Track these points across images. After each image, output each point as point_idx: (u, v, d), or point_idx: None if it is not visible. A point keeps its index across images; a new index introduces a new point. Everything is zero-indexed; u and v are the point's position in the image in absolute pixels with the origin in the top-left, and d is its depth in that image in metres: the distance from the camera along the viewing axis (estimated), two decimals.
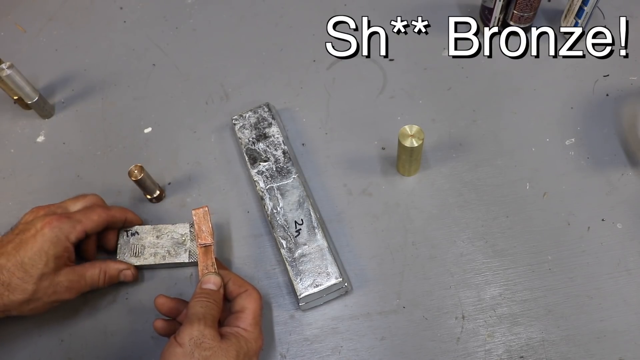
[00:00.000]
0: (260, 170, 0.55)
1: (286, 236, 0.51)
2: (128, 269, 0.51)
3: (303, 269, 0.49)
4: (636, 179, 0.55)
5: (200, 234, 0.49)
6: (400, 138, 0.51)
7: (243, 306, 0.46)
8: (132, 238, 0.53)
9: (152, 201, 0.57)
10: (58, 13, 0.75)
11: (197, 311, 0.43)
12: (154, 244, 0.53)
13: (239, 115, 0.59)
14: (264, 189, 0.54)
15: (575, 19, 0.62)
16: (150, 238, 0.53)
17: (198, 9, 0.73)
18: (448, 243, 0.53)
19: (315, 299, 0.49)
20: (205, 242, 0.49)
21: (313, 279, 0.49)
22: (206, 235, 0.49)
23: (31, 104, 0.63)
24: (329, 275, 0.49)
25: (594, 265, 0.51)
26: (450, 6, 0.70)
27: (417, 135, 0.51)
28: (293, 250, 0.50)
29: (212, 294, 0.45)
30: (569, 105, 0.61)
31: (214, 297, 0.45)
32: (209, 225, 0.49)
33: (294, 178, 0.54)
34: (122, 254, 0.53)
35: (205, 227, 0.49)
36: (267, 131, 0.58)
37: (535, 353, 0.48)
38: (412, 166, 0.55)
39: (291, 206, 0.53)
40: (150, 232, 0.54)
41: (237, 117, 0.59)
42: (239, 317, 0.45)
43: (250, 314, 0.45)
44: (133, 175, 0.53)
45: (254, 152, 0.56)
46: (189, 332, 0.41)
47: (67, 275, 0.47)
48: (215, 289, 0.46)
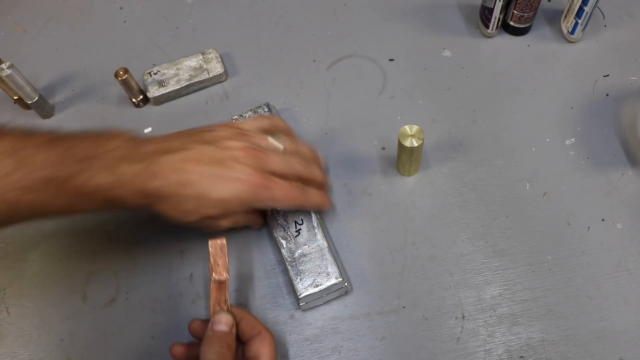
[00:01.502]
0: None
1: (286, 236, 0.51)
2: None
3: (303, 269, 0.49)
4: (636, 179, 0.55)
5: (215, 268, 0.45)
6: (400, 138, 0.51)
7: (257, 352, 0.44)
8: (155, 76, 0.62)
9: (138, 105, 0.62)
10: (58, 13, 0.75)
11: (210, 358, 0.41)
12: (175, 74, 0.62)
13: (239, 115, 0.59)
14: None
15: (575, 19, 0.62)
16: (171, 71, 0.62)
17: (198, 9, 0.73)
18: (448, 243, 0.53)
19: (315, 299, 0.49)
20: (220, 278, 0.45)
21: (313, 279, 0.49)
22: (221, 270, 0.46)
23: (31, 104, 0.63)
24: (329, 275, 0.49)
25: (594, 265, 0.51)
26: (450, 6, 0.70)
27: (417, 135, 0.51)
28: (293, 251, 0.50)
29: (224, 336, 0.43)
30: (569, 105, 0.61)
31: (227, 341, 0.43)
32: (225, 260, 0.46)
33: None
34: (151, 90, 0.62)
35: (221, 260, 0.46)
36: None
37: (535, 353, 0.48)
38: (412, 166, 0.55)
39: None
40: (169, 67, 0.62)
41: (237, 117, 0.59)
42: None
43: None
44: (119, 76, 0.59)
45: None
46: None
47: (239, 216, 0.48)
48: (227, 330, 0.43)
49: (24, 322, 0.52)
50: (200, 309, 0.52)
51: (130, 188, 0.43)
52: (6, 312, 0.53)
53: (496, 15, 0.63)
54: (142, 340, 0.51)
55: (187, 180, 0.43)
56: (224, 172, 0.44)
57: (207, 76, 0.64)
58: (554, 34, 0.66)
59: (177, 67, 0.64)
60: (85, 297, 0.53)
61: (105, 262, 0.55)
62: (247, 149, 0.46)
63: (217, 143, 0.46)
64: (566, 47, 0.65)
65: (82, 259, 0.55)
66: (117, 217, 0.57)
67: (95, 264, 0.55)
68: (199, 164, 0.44)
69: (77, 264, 0.55)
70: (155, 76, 0.64)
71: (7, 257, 0.56)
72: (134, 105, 0.65)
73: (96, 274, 0.54)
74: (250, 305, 0.52)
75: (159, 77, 0.64)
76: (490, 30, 0.65)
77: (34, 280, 0.54)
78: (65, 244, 0.56)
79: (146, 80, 0.64)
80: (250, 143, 0.47)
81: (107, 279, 0.54)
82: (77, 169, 0.42)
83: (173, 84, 0.64)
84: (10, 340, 0.51)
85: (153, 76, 0.64)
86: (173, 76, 0.64)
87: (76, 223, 0.57)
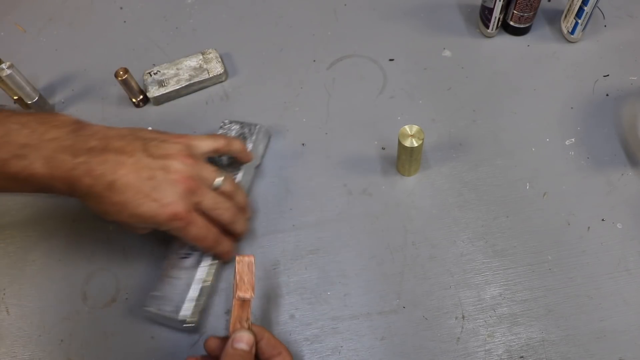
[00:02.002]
0: None
1: (177, 251, 0.51)
2: None
3: (164, 288, 0.49)
4: (636, 179, 0.55)
5: (241, 285, 0.44)
6: (400, 138, 0.51)
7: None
8: (155, 76, 0.61)
9: (138, 105, 0.62)
10: (58, 13, 0.75)
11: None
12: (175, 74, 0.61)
13: (229, 121, 0.58)
14: None
15: (575, 19, 0.62)
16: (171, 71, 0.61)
17: (198, 9, 0.73)
18: (448, 243, 0.53)
19: (155, 317, 0.49)
20: (245, 296, 0.43)
21: (163, 302, 0.48)
22: (247, 287, 0.44)
23: (31, 104, 0.63)
24: (177, 308, 0.48)
25: (594, 265, 0.51)
26: (450, 6, 0.70)
27: (417, 135, 0.51)
28: (172, 267, 0.50)
29: (244, 355, 0.42)
30: (569, 105, 0.61)
31: (246, 358, 0.42)
32: (251, 278, 0.44)
33: None
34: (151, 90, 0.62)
35: (247, 278, 0.44)
36: None
37: (535, 353, 0.48)
38: (412, 166, 0.55)
39: None
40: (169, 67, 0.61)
41: (225, 123, 0.58)
42: None
43: None
44: (119, 76, 0.59)
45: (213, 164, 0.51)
46: None
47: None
48: (247, 349, 0.42)
49: (24, 322, 0.52)
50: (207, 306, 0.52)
51: (63, 180, 0.43)
52: (6, 312, 0.53)
53: (496, 15, 0.63)
54: (142, 340, 0.51)
55: (114, 186, 0.43)
56: (152, 190, 0.44)
57: (207, 76, 0.64)
58: (554, 34, 0.66)
59: (177, 67, 0.64)
60: (85, 298, 0.53)
61: (105, 263, 0.55)
62: (185, 175, 0.46)
63: (158, 158, 0.46)
64: (566, 47, 0.65)
65: (82, 260, 0.55)
66: None
67: (95, 265, 0.55)
68: (131, 173, 0.44)
69: (77, 264, 0.55)
70: (155, 76, 0.64)
71: (7, 257, 0.56)
72: (134, 105, 0.65)
73: (96, 274, 0.54)
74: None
75: (159, 77, 0.64)
76: (490, 30, 0.65)
77: (34, 280, 0.54)
78: (65, 244, 0.56)
79: (146, 80, 0.64)
80: (190, 170, 0.47)
81: (106, 279, 0.54)
82: (15, 154, 0.43)
83: (173, 84, 0.64)
84: (10, 341, 0.51)
85: (153, 76, 0.64)
86: (173, 76, 0.64)
87: (76, 223, 0.57)
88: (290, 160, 0.59)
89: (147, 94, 0.63)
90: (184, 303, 0.48)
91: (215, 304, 0.52)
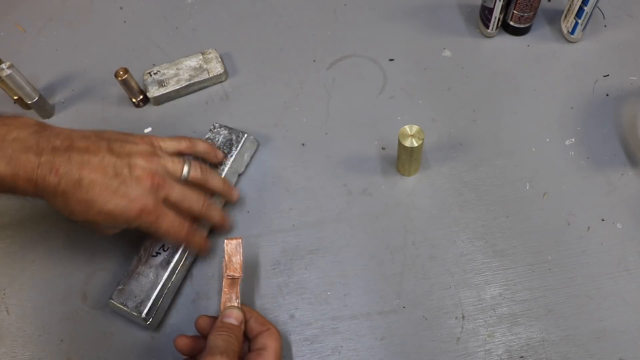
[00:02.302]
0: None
1: (147, 248, 0.51)
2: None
3: (131, 282, 0.50)
4: (636, 179, 0.55)
5: (229, 265, 0.47)
6: (400, 138, 0.51)
7: (265, 344, 0.44)
8: (155, 76, 0.61)
9: (138, 105, 0.62)
10: (58, 13, 0.75)
11: (219, 344, 0.42)
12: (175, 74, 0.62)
13: (219, 125, 0.58)
14: None
15: (575, 19, 0.62)
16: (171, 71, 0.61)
17: (198, 9, 0.73)
18: (448, 243, 0.53)
19: (118, 310, 0.50)
20: (234, 275, 0.47)
21: (128, 296, 0.49)
22: (235, 267, 0.47)
23: (31, 104, 0.63)
24: (141, 304, 0.48)
25: (594, 265, 0.51)
26: (450, 6, 0.70)
27: (417, 135, 0.51)
28: (142, 263, 0.50)
29: (233, 329, 0.44)
30: (569, 105, 0.61)
31: (235, 333, 0.44)
32: (239, 258, 0.48)
33: None
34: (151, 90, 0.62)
35: (235, 259, 0.48)
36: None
37: (535, 353, 0.48)
38: (412, 166, 0.55)
39: None
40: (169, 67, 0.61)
41: (215, 127, 0.58)
42: (260, 354, 0.44)
43: (272, 352, 0.44)
44: (119, 76, 0.59)
45: None
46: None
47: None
48: (236, 325, 0.44)
49: (24, 322, 0.52)
50: (200, 309, 0.52)
51: (27, 180, 0.43)
52: (6, 312, 0.53)
53: (496, 15, 0.63)
54: (142, 340, 0.51)
55: (81, 184, 0.44)
56: (118, 187, 0.45)
57: (207, 76, 0.64)
58: (554, 34, 0.66)
59: (177, 67, 0.64)
60: (85, 298, 0.53)
61: (104, 263, 0.54)
62: (149, 172, 0.46)
63: (123, 156, 0.46)
64: (566, 47, 0.65)
65: (82, 259, 0.55)
66: None
67: (95, 264, 0.55)
68: (97, 171, 0.44)
69: (77, 264, 0.55)
70: (155, 76, 0.64)
71: (7, 257, 0.56)
72: (134, 105, 0.65)
73: (96, 274, 0.54)
74: (250, 305, 0.51)
75: (159, 77, 0.64)
76: (490, 30, 0.65)
77: (34, 280, 0.54)
78: (65, 244, 0.56)
79: (146, 80, 0.64)
80: (156, 166, 0.47)
81: (106, 279, 0.54)
82: None
83: (173, 84, 0.64)
84: (10, 340, 0.51)
85: (153, 76, 0.64)
86: (173, 76, 0.64)
87: (76, 224, 0.57)
88: (290, 160, 0.59)
89: (147, 94, 0.63)
90: (148, 301, 0.49)
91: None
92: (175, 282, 0.51)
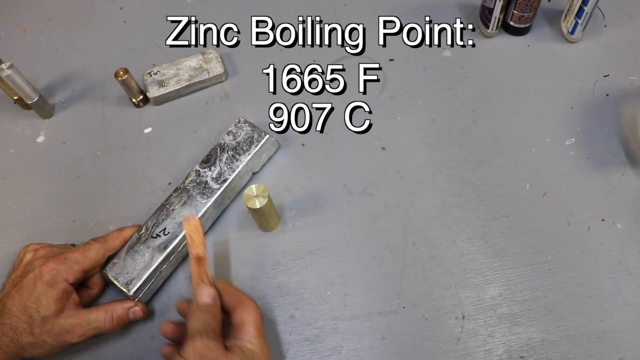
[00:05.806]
0: (199, 171, 0.55)
1: (149, 227, 0.52)
2: (136, 306, 0.50)
3: (126, 259, 0.51)
4: (636, 179, 0.55)
5: (192, 244, 0.47)
6: (244, 200, 0.49)
7: (242, 319, 0.45)
8: (155, 76, 0.62)
9: (138, 105, 0.62)
10: (58, 13, 0.75)
11: (197, 326, 0.43)
12: (175, 74, 0.62)
13: (243, 121, 0.58)
14: (187, 184, 0.55)
15: (575, 19, 0.62)
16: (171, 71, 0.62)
17: (198, 9, 0.73)
18: (448, 243, 0.53)
19: (109, 281, 0.51)
20: (198, 252, 0.47)
21: (121, 270, 0.50)
22: (198, 244, 0.47)
23: (31, 104, 0.63)
24: (131, 282, 0.49)
25: (594, 265, 0.51)
26: (450, 6, 0.70)
27: (261, 195, 0.49)
28: (141, 242, 0.51)
29: (208, 307, 0.44)
30: (569, 105, 0.61)
31: (212, 311, 0.44)
32: (200, 236, 0.48)
33: (198, 205, 0.53)
34: (151, 90, 0.62)
35: (197, 237, 0.48)
36: (239, 153, 0.56)
37: (535, 353, 0.48)
38: (271, 221, 0.54)
39: (177, 217, 0.53)
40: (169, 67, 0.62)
41: (240, 121, 0.58)
42: (240, 330, 0.44)
43: (251, 326, 0.44)
44: (119, 76, 0.59)
45: (213, 157, 0.56)
46: (192, 347, 0.41)
47: (70, 318, 0.47)
48: (210, 302, 0.45)
49: None
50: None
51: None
52: None
53: (496, 15, 0.63)
54: (142, 340, 0.51)
55: None
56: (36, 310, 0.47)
57: (207, 76, 0.64)
58: (554, 34, 0.66)
59: (177, 67, 0.64)
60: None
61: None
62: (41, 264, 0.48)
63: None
64: (566, 47, 0.65)
65: None
66: (117, 217, 0.57)
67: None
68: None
69: None
70: (155, 76, 0.64)
71: (7, 257, 0.56)
72: (134, 105, 0.65)
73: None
74: None
75: (159, 77, 0.64)
76: (490, 30, 0.65)
77: None
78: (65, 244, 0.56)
79: (146, 80, 0.64)
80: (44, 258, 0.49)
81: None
82: None
83: (173, 84, 0.64)
84: None
85: (153, 76, 0.64)
86: (173, 76, 0.64)
87: (76, 223, 0.57)
88: (290, 160, 0.59)
89: (147, 94, 0.63)
90: (139, 280, 0.50)
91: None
92: (168, 267, 0.52)
